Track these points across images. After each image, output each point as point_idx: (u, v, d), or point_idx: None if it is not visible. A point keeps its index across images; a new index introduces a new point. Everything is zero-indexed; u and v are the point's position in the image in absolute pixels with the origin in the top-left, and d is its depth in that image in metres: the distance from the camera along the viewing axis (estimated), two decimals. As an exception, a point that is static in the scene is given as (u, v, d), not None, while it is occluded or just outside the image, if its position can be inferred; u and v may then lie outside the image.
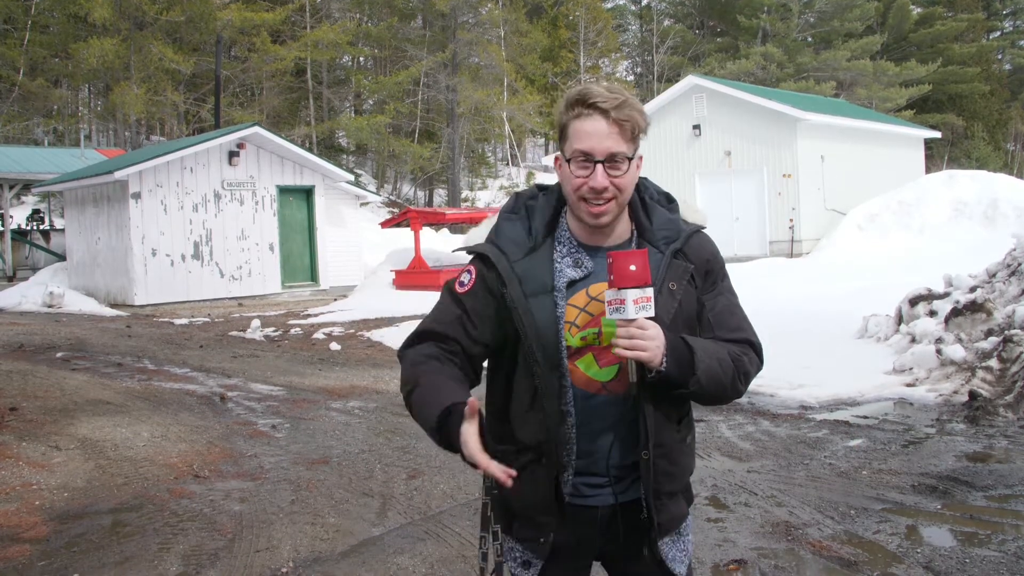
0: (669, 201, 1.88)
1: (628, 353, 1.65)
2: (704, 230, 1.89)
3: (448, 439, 1.63)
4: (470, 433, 1.58)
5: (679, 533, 1.89)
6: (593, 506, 1.82)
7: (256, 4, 32.01)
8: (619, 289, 1.64)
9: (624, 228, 1.83)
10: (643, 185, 1.87)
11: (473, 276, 1.82)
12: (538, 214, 1.83)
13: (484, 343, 1.80)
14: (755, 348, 1.84)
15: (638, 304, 1.64)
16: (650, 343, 1.65)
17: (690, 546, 1.94)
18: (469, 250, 1.86)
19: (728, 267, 1.96)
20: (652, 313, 1.67)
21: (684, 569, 1.89)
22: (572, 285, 1.77)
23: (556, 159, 1.83)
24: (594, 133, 1.70)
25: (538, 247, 1.80)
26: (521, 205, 1.86)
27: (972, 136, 41.80)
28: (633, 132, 1.73)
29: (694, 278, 1.81)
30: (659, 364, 1.67)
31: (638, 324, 1.64)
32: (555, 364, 1.75)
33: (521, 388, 1.79)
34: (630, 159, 1.73)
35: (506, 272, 1.77)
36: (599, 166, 1.70)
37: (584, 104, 1.72)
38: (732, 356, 1.77)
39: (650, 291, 1.66)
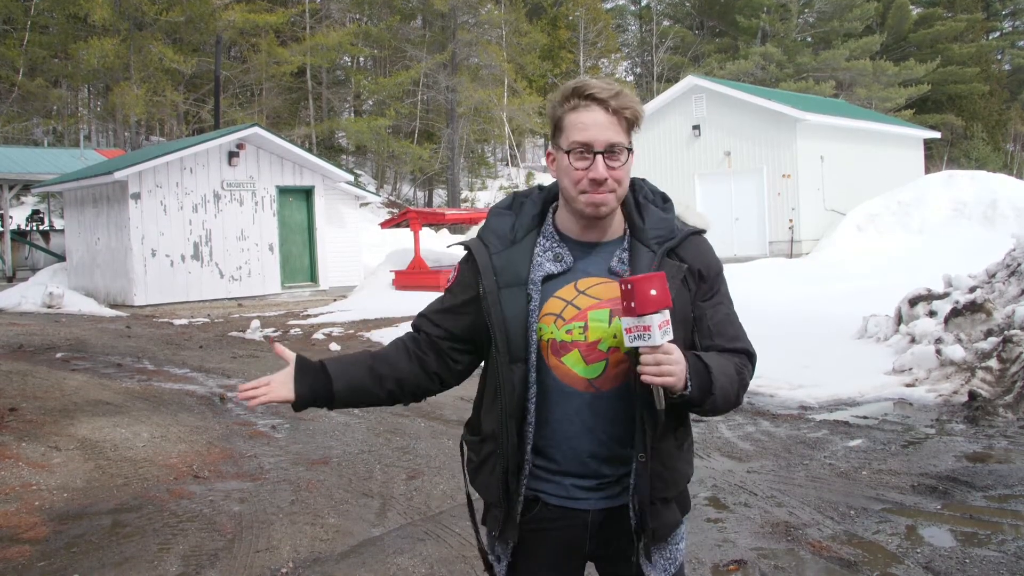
0: (664, 201, 1.85)
1: (657, 380, 1.61)
2: (704, 234, 1.85)
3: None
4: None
5: (667, 541, 1.83)
6: (583, 509, 1.78)
7: (256, 4, 31.98)
8: (641, 316, 1.60)
9: (618, 226, 1.81)
10: (638, 185, 1.85)
11: (456, 272, 1.87)
12: (527, 209, 1.84)
13: (451, 336, 1.85)
14: (751, 358, 1.84)
15: (663, 328, 1.60)
16: (676, 367, 1.62)
17: (679, 555, 1.88)
18: (459, 243, 1.91)
19: (728, 267, 1.96)
20: (672, 336, 1.63)
21: None
22: (550, 279, 1.75)
23: (548, 155, 1.81)
24: (593, 124, 1.69)
25: (519, 240, 1.80)
26: (514, 202, 1.87)
27: (971, 136, 41.79)
28: (631, 123, 1.72)
29: (687, 280, 1.76)
30: (683, 388, 1.64)
31: (664, 349, 1.61)
32: (519, 357, 1.72)
33: (491, 380, 1.80)
34: (629, 150, 1.72)
35: (483, 264, 1.78)
36: (599, 157, 1.69)
37: (581, 96, 1.71)
38: (736, 369, 1.77)
39: (668, 313, 1.63)
